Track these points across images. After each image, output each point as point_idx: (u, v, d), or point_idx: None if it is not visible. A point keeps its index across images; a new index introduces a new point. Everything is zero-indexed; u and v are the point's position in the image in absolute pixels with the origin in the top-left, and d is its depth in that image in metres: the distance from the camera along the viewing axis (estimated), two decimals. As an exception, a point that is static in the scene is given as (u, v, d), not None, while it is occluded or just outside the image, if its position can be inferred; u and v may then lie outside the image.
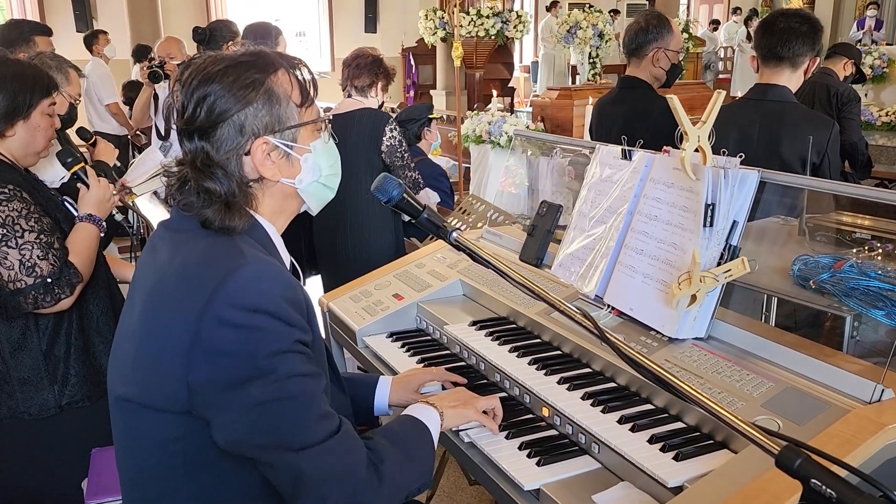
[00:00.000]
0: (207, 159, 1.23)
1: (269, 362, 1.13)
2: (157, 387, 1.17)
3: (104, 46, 6.80)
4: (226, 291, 1.13)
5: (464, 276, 2.13)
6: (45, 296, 1.86)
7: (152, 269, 1.26)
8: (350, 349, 2.09)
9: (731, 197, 1.53)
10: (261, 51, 1.29)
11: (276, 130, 1.25)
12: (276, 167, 1.27)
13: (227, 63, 1.23)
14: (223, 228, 1.21)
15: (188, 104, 1.23)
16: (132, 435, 1.25)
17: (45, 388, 1.98)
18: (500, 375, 1.68)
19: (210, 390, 1.14)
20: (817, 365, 1.37)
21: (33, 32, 3.35)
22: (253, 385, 1.12)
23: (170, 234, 1.28)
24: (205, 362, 1.13)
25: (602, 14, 10.27)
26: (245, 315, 1.12)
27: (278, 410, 1.14)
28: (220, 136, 1.22)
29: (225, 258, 1.17)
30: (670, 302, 1.56)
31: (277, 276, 1.19)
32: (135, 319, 1.24)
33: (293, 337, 1.17)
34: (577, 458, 1.41)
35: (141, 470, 1.26)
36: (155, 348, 1.18)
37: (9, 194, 1.86)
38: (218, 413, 1.15)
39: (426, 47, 10.88)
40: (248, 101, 1.22)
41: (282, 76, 1.27)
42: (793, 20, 2.64)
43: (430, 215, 1.43)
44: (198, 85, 1.22)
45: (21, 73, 1.97)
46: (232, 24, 4.05)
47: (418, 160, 4.10)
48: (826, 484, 0.77)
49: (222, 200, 1.22)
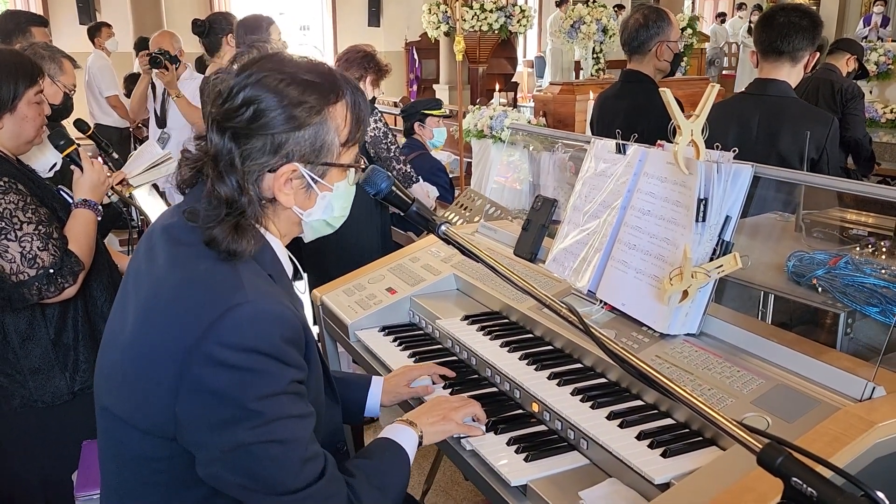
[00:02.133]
0: (230, 164, 1.15)
1: (260, 405, 1.09)
2: (145, 411, 1.14)
3: (106, 39, 6.78)
4: (221, 329, 1.08)
5: (457, 271, 2.11)
6: (48, 286, 1.87)
7: (147, 277, 1.20)
8: (343, 343, 2.08)
9: (724, 192, 1.51)
10: (330, 72, 1.22)
11: (311, 162, 1.19)
12: (292, 195, 1.21)
13: (293, 76, 1.16)
14: (229, 253, 1.14)
15: (236, 95, 1.15)
16: (115, 445, 1.23)
17: (56, 375, 2.01)
18: (491, 371, 1.67)
19: (195, 426, 1.11)
20: (808, 362, 1.36)
21: (30, 23, 3.34)
22: (239, 427, 1.09)
23: (170, 244, 1.21)
24: (193, 398, 1.09)
25: (606, 9, 10.20)
26: (240, 356, 1.08)
27: (262, 453, 1.11)
28: (254, 146, 1.15)
29: (224, 291, 1.11)
30: (662, 297, 1.55)
31: (278, 315, 1.13)
32: (127, 330, 1.19)
33: (288, 377, 1.13)
34: (566, 454, 1.40)
35: (122, 481, 1.24)
36: (143, 371, 1.13)
37: (4, 187, 1.86)
38: (201, 448, 1.12)
39: (430, 42, 10.84)
40: (297, 126, 1.16)
41: (340, 108, 1.20)
42: (792, 15, 2.63)
43: (419, 208, 1.42)
44: (255, 82, 1.15)
45: (2, 63, 1.95)
46: (231, 16, 4.04)
47: (417, 154, 4.09)
48: (807, 482, 0.76)
49: (231, 221, 1.14)
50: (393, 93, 11.54)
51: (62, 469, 1.99)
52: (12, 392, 1.98)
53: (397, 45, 12.13)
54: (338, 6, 12.62)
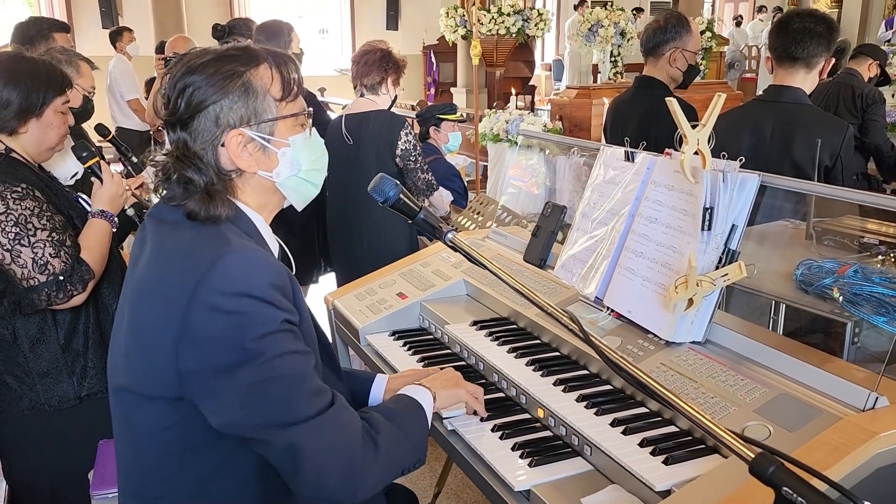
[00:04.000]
0: (186, 149, 1.26)
1: (258, 345, 1.15)
2: (150, 375, 1.20)
3: (128, 44, 6.88)
4: (212, 278, 1.15)
5: (467, 276, 2.13)
6: (57, 293, 1.90)
7: (140, 259, 1.29)
8: (354, 347, 2.10)
9: (730, 200, 1.52)
10: (247, 46, 1.32)
11: (252, 123, 1.27)
12: (252, 159, 1.28)
13: (211, 56, 1.27)
14: (208, 217, 1.24)
15: (171, 94, 1.26)
16: (129, 424, 1.29)
17: (64, 380, 2.04)
18: (498, 376, 1.69)
19: (201, 376, 1.16)
20: (812, 371, 1.36)
21: (52, 29, 3.40)
22: (243, 368, 1.15)
23: (156, 225, 1.30)
24: (194, 349, 1.15)
25: (624, 12, 10.21)
26: (232, 300, 1.15)
27: (270, 390, 1.16)
28: (198, 126, 1.26)
29: (210, 246, 1.20)
30: (668, 305, 1.56)
31: (263, 262, 1.20)
32: (126, 312, 1.27)
33: (280, 318, 1.19)
34: (570, 460, 1.41)
35: (139, 460, 1.29)
36: (146, 338, 1.21)
37: (21, 193, 1.89)
38: (211, 397, 1.17)
39: (447, 45, 10.89)
40: (224, 93, 1.24)
41: (263, 70, 1.28)
42: (808, 20, 2.61)
43: (426, 216, 1.45)
44: (181, 76, 1.26)
45: (35, 70, 2.00)
46: (251, 23, 4.09)
47: (432, 159, 4.11)
48: (797, 492, 0.77)
49: (203, 190, 1.24)
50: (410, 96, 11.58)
51: (70, 471, 2.04)
52: (21, 394, 2.01)
53: (415, 49, 12.18)
54: (356, 10, 12.71)
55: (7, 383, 2.00)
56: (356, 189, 3.21)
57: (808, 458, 1.12)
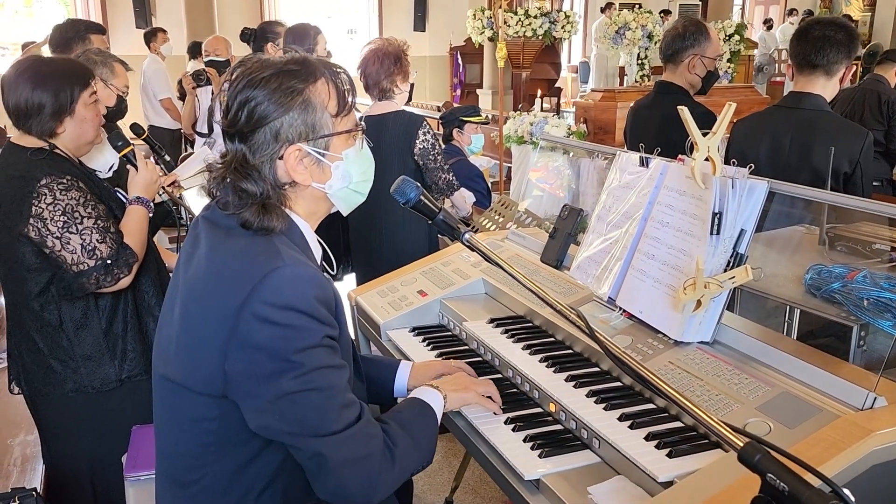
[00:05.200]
0: (244, 161, 1.31)
1: (300, 357, 1.23)
2: (197, 372, 1.28)
3: (161, 44, 7.06)
4: (263, 290, 1.21)
5: (486, 276, 2.20)
6: (105, 276, 2.03)
7: (194, 259, 1.35)
8: (375, 342, 2.18)
9: (738, 206, 1.57)
10: (305, 59, 1.35)
11: (310, 139, 1.32)
12: (307, 172, 1.34)
13: (272, 71, 1.30)
14: (262, 229, 1.29)
15: (232, 105, 1.31)
16: (171, 411, 1.37)
17: (106, 363, 2.16)
18: (513, 371, 1.75)
19: (244, 380, 1.24)
20: (814, 371, 1.41)
21: (89, 31, 3.53)
22: (283, 377, 1.22)
23: (210, 228, 1.36)
24: (240, 354, 1.23)
25: (651, 15, 10.20)
26: (280, 313, 1.21)
27: (305, 401, 1.24)
28: (257, 140, 1.30)
29: (263, 258, 1.26)
30: (677, 306, 1.61)
31: (312, 277, 1.27)
32: (177, 306, 1.34)
33: (322, 333, 1.26)
34: (579, 452, 1.48)
35: (177, 444, 1.38)
36: (195, 337, 1.28)
37: (67, 184, 2.01)
38: (250, 400, 1.26)
39: (474, 46, 10.95)
40: (285, 110, 1.29)
41: (321, 86, 1.33)
42: (828, 28, 2.64)
43: (444, 216, 1.52)
44: (242, 88, 1.30)
45: (57, 70, 2.10)
46: (278, 26, 4.20)
47: (455, 160, 4.18)
48: (780, 478, 0.83)
49: (258, 202, 1.29)
50: (436, 96, 11.68)
51: (109, 452, 2.15)
52: (65, 377, 2.13)
53: (442, 50, 12.27)
54: (384, 11, 12.83)
55: (52, 367, 2.12)
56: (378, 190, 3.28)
57: (806, 454, 1.18)
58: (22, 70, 2.09)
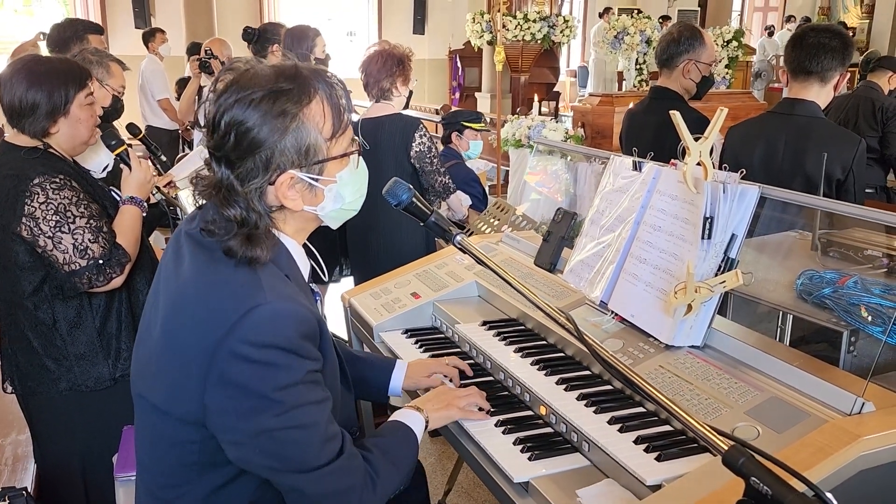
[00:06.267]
0: (231, 189, 1.23)
1: (280, 395, 1.19)
2: (176, 399, 1.25)
3: (160, 44, 7.06)
4: (243, 328, 1.17)
5: (479, 279, 2.21)
6: (97, 276, 2.03)
7: (175, 277, 1.30)
8: (367, 343, 2.19)
9: (729, 211, 1.58)
10: (297, 72, 1.25)
11: (303, 166, 1.25)
12: (298, 198, 1.28)
13: (263, 92, 1.21)
14: (245, 259, 1.22)
15: (220, 124, 1.22)
16: (151, 430, 1.35)
17: (100, 362, 2.16)
18: (504, 374, 1.76)
19: (223, 415, 1.22)
20: (802, 376, 1.41)
21: (87, 31, 3.53)
22: (263, 414, 1.20)
23: (194, 248, 1.29)
24: (219, 390, 1.20)
25: (650, 20, 10.20)
26: (260, 351, 1.18)
27: (286, 437, 1.22)
28: (246, 168, 1.22)
29: (245, 294, 1.20)
30: (668, 310, 1.62)
31: (293, 313, 1.22)
32: (157, 326, 1.29)
33: (305, 369, 1.23)
34: (568, 455, 1.48)
35: (156, 460, 1.35)
36: (175, 365, 1.24)
37: (60, 183, 2.01)
38: (230, 434, 1.24)
39: (473, 50, 10.97)
40: (278, 137, 1.21)
41: (315, 107, 1.24)
42: (823, 35, 2.65)
43: (436, 219, 1.53)
44: (230, 106, 1.21)
45: (53, 70, 2.10)
46: (280, 27, 4.20)
47: (452, 163, 4.19)
48: (763, 482, 0.83)
49: (244, 232, 1.22)
50: (435, 99, 11.69)
51: (102, 451, 2.14)
52: (59, 376, 2.13)
53: (441, 53, 12.29)
54: (384, 13, 12.85)
55: (46, 366, 2.12)
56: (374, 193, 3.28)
57: (793, 458, 1.18)
58: (18, 69, 2.09)
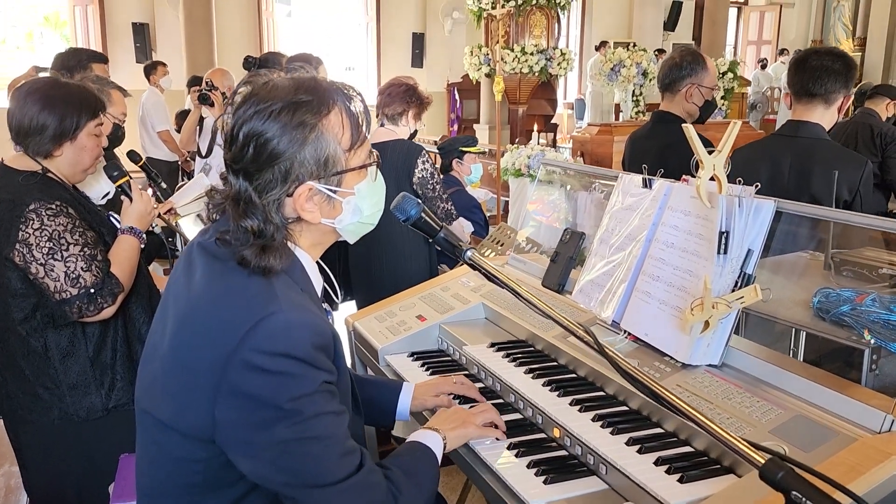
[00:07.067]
0: (249, 201, 1.21)
1: (294, 405, 1.15)
2: (184, 414, 1.20)
3: (161, 77, 7.10)
4: (256, 337, 1.14)
5: (486, 300, 2.16)
6: (88, 305, 1.97)
7: (186, 290, 1.26)
8: (372, 367, 2.13)
9: (745, 225, 1.54)
10: (316, 85, 1.24)
11: (321, 177, 1.23)
12: (317, 210, 1.26)
13: (282, 104, 1.20)
14: (259, 268, 1.20)
15: (238, 136, 1.20)
16: (155, 448, 1.29)
17: (93, 392, 2.09)
18: (515, 396, 1.70)
19: (236, 428, 1.17)
20: (828, 394, 1.37)
21: (90, 60, 3.53)
22: (278, 426, 1.15)
23: (207, 260, 1.26)
24: (231, 401, 1.16)
25: (646, 52, 10.31)
26: (273, 360, 1.14)
27: (302, 450, 1.17)
28: (265, 179, 1.20)
29: (258, 303, 1.18)
30: (684, 328, 1.57)
31: (308, 323, 1.19)
32: (165, 340, 1.25)
33: (320, 379, 1.19)
34: (585, 479, 1.42)
35: (158, 482, 1.30)
36: (184, 379, 1.20)
37: (56, 210, 1.97)
38: (243, 449, 1.19)
39: (471, 83, 11.06)
40: (296, 148, 1.19)
41: (334, 118, 1.23)
42: (825, 58, 2.65)
43: (446, 234, 1.49)
44: (249, 118, 1.20)
45: (69, 95, 2.08)
46: (281, 57, 4.21)
47: (454, 190, 4.17)
48: (806, 496, 0.78)
49: (260, 243, 1.20)
50: (434, 131, 11.74)
51: (97, 482, 2.06)
52: (51, 405, 2.07)
53: (439, 86, 12.38)
54: (382, 47, 12.99)
55: (38, 394, 2.06)
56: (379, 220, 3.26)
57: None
58: (34, 89, 2.06)
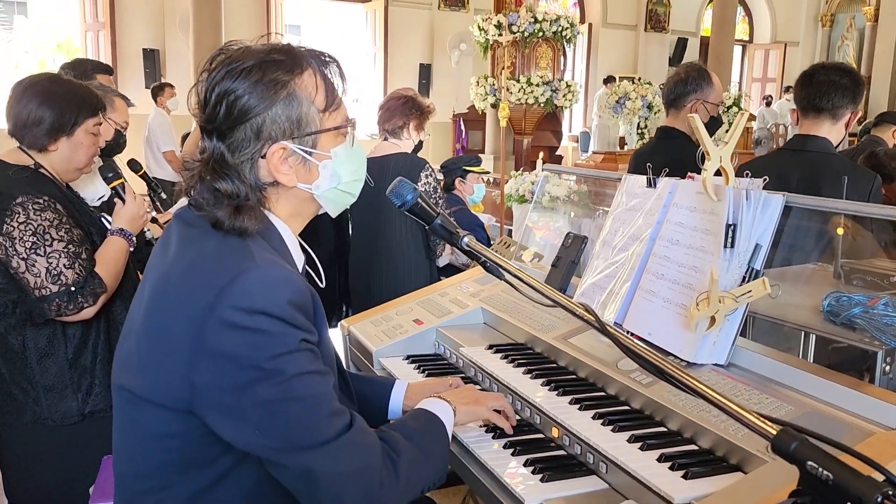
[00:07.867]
0: (222, 160, 1.19)
1: (275, 364, 1.10)
2: (160, 383, 1.15)
3: (168, 98, 7.15)
4: (231, 294, 1.10)
5: (485, 305, 2.10)
6: (68, 304, 1.90)
7: (161, 260, 1.24)
8: (366, 370, 2.06)
9: (753, 219, 1.49)
10: (290, 48, 1.23)
11: (295, 136, 1.21)
12: (292, 172, 1.23)
13: (254, 61, 1.18)
14: (233, 229, 1.18)
15: (209, 97, 1.19)
16: (131, 426, 1.24)
17: (69, 395, 2.01)
18: (512, 396, 1.63)
19: (214, 392, 1.12)
20: (841, 391, 1.30)
21: (95, 70, 3.53)
22: (259, 387, 1.10)
23: (182, 228, 1.24)
24: (209, 364, 1.11)
25: (651, 86, 10.37)
26: (249, 317, 1.10)
27: (286, 410, 1.11)
28: (237, 138, 1.19)
29: (233, 259, 1.14)
30: (689, 325, 1.51)
31: (285, 279, 1.15)
32: (140, 315, 1.22)
33: (298, 336, 1.14)
34: (583, 478, 1.35)
35: (135, 463, 1.24)
36: (159, 345, 1.16)
37: (42, 205, 1.92)
38: (225, 415, 1.13)
39: (477, 113, 11.12)
40: (268, 105, 1.18)
41: (307, 78, 1.22)
42: (833, 73, 2.62)
43: (443, 221, 1.44)
44: (221, 79, 1.18)
45: (70, 91, 2.05)
46: None
47: (456, 209, 4.14)
48: (822, 465, 0.72)
49: (233, 203, 1.18)
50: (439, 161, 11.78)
51: (70, 489, 1.99)
52: (25, 406, 1.99)
53: (445, 117, 12.45)
54: (389, 78, 13.09)
55: (13, 394, 1.99)
56: (377, 231, 3.22)
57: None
58: (34, 83, 2.04)
